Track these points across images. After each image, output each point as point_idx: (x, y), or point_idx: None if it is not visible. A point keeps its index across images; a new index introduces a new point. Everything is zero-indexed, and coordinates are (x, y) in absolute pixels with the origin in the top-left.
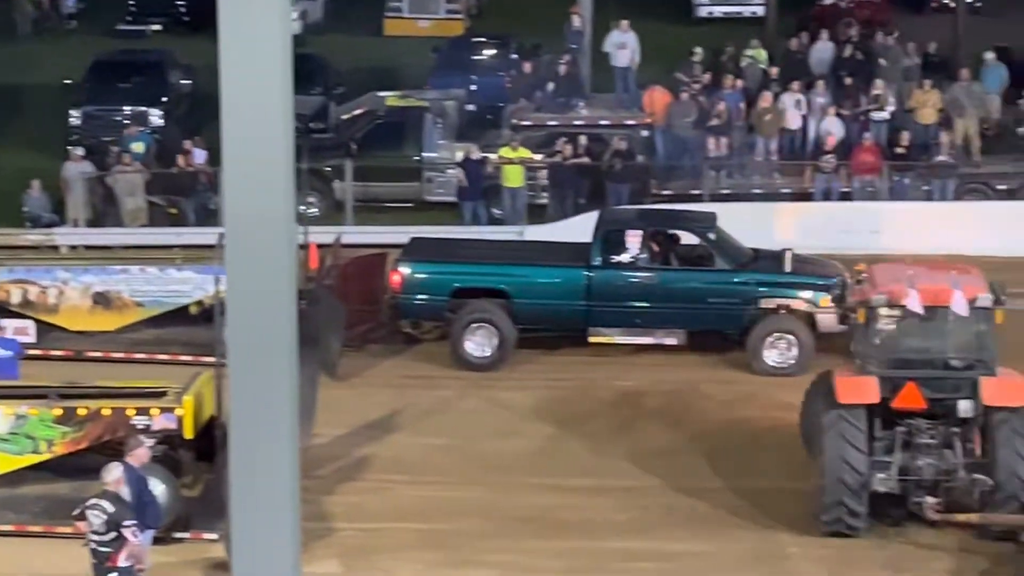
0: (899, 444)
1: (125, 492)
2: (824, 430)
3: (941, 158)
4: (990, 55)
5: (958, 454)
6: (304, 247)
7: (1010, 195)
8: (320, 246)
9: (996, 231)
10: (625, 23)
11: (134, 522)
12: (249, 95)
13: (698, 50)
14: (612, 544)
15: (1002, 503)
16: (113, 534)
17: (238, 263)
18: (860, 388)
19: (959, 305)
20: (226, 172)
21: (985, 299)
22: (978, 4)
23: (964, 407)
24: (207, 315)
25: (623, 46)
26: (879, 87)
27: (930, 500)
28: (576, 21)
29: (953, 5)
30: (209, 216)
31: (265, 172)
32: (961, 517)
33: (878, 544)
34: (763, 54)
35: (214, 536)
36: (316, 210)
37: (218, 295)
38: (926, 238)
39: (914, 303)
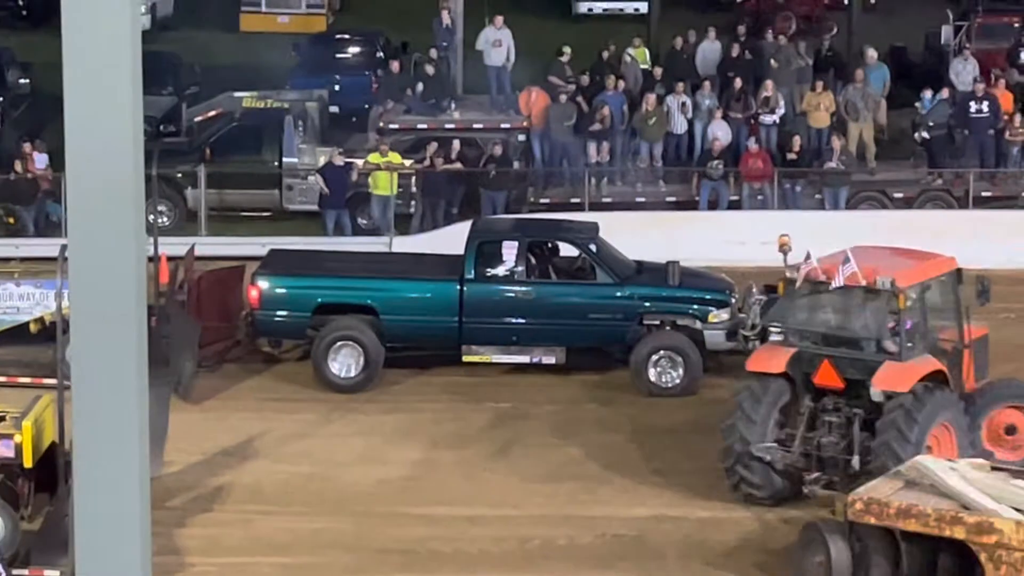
0: (805, 421)
1: None
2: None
3: (831, 164)
4: (872, 53)
5: (855, 434)
6: (154, 260)
7: (907, 204)
8: (172, 258)
9: (891, 242)
10: (500, 19)
11: None
12: (94, 95)
13: (567, 50)
14: None
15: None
16: None
17: (82, 277)
18: (769, 358)
19: (838, 280)
20: (69, 179)
21: (883, 282)
22: (872, 1)
23: (874, 391)
24: (48, 333)
25: (497, 44)
26: (768, 88)
27: (813, 475)
28: (446, 17)
29: (847, 2)
30: (50, 226)
31: (112, 178)
32: (822, 493)
33: (769, 574)
34: (645, 53)
35: (56, 573)
36: (167, 220)
37: (60, 312)
38: (819, 249)
39: (807, 275)
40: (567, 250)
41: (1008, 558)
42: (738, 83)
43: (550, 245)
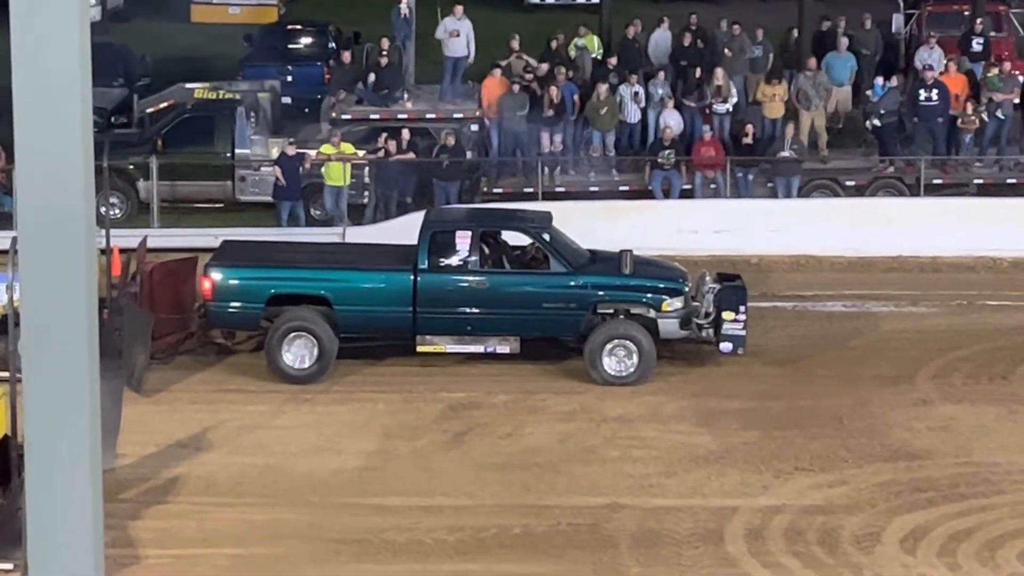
0: None
1: None
2: None
3: (784, 153)
4: (843, 41)
5: None
6: (106, 252)
7: (858, 192)
8: (124, 250)
9: (843, 230)
10: (460, 9)
11: None
12: (44, 87)
13: (515, 44)
14: (443, 567)
15: None
16: None
17: (33, 269)
18: None
19: None
20: (19, 171)
21: None
22: None
23: None
24: (0, 326)
25: (456, 34)
26: (719, 77)
27: None
28: (404, 8)
29: None
30: (2, 218)
31: (62, 171)
32: None
33: (724, 563)
34: (595, 42)
35: (9, 566)
36: (119, 211)
37: (12, 304)
38: (771, 237)
39: None
40: (521, 239)
41: None
42: (692, 72)
43: (503, 234)
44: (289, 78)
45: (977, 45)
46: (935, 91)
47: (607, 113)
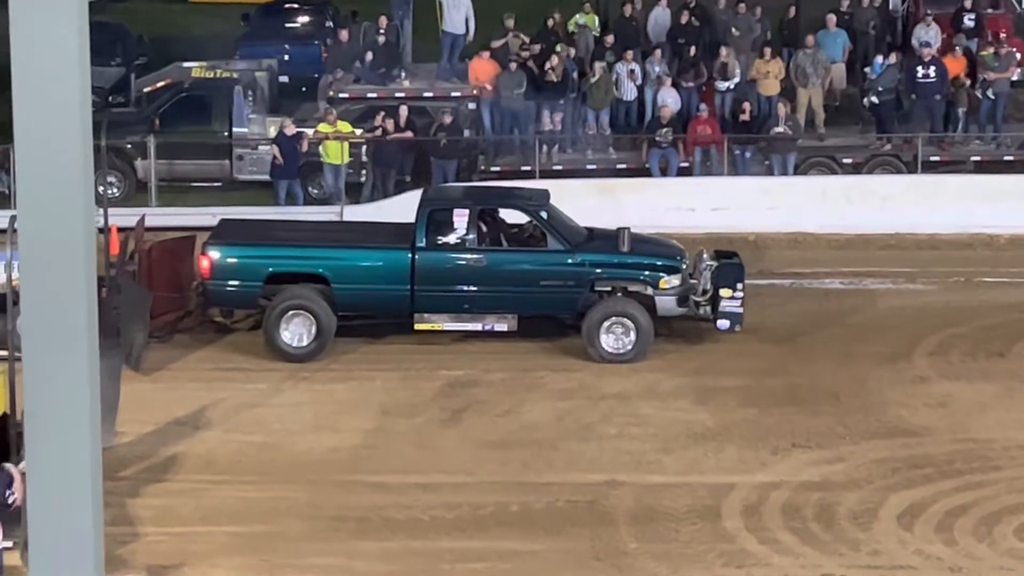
0: None
1: None
2: None
3: (778, 129)
4: (831, 18)
5: None
6: (104, 231)
7: (856, 169)
8: (122, 229)
9: (841, 207)
10: None
11: None
12: (42, 66)
13: (510, 20)
14: (442, 544)
15: None
16: None
17: (32, 248)
18: None
19: None
20: (17, 150)
21: None
22: None
23: None
24: None
25: (457, 11)
26: (724, 55)
27: None
28: None
29: None
30: (0, 198)
31: (60, 150)
32: None
33: (721, 539)
34: (594, 20)
35: (8, 544)
36: (117, 190)
37: (10, 283)
38: (768, 215)
39: None
40: (518, 217)
41: None
42: (690, 50)
43: (501, 212)
44: (286, 57)
45: (968, 21)
46: (932, 68)
47: (601, 91)
